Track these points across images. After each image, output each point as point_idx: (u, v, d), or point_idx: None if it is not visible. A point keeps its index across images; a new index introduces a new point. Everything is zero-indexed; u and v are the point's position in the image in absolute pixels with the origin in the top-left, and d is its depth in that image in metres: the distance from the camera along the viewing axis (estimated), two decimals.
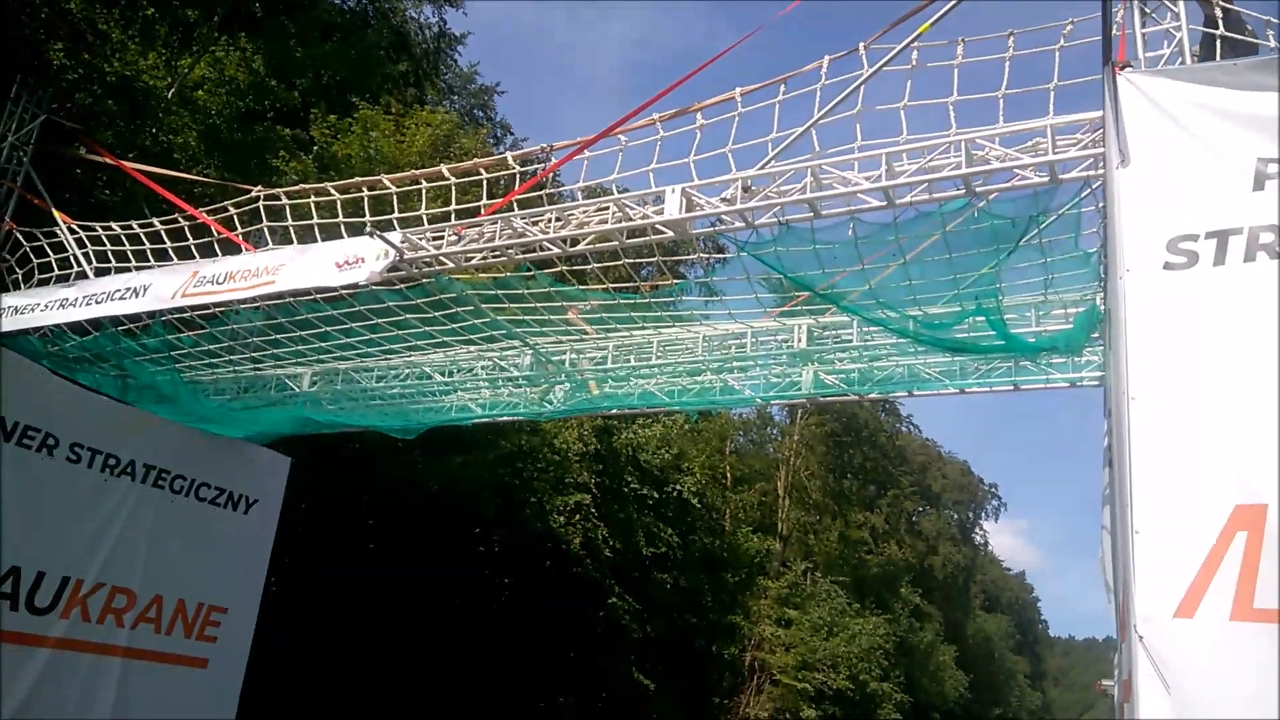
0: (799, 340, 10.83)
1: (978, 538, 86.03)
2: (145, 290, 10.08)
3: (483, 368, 12.25)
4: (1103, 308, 7.33)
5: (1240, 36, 5.61)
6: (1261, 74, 5.02)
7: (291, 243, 9.81)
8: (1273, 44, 5.58)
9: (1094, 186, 6.61)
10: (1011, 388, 10.40)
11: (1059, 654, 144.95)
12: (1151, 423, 4.72)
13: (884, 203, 7.16)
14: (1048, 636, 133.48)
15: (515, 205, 8.55)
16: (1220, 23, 5.61)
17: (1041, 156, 6.48)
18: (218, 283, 9.37)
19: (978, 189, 6.86)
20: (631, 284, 11.22)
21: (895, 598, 54.73)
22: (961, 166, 6.67)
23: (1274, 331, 4.64)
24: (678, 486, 29.13)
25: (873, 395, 11.84)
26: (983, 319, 8.66)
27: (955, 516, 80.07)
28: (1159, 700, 4.39)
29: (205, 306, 10.05)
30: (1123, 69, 5.33)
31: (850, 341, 10.77)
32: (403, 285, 9.81)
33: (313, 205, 9.82)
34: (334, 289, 9.11)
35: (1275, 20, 5.66)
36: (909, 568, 60.88)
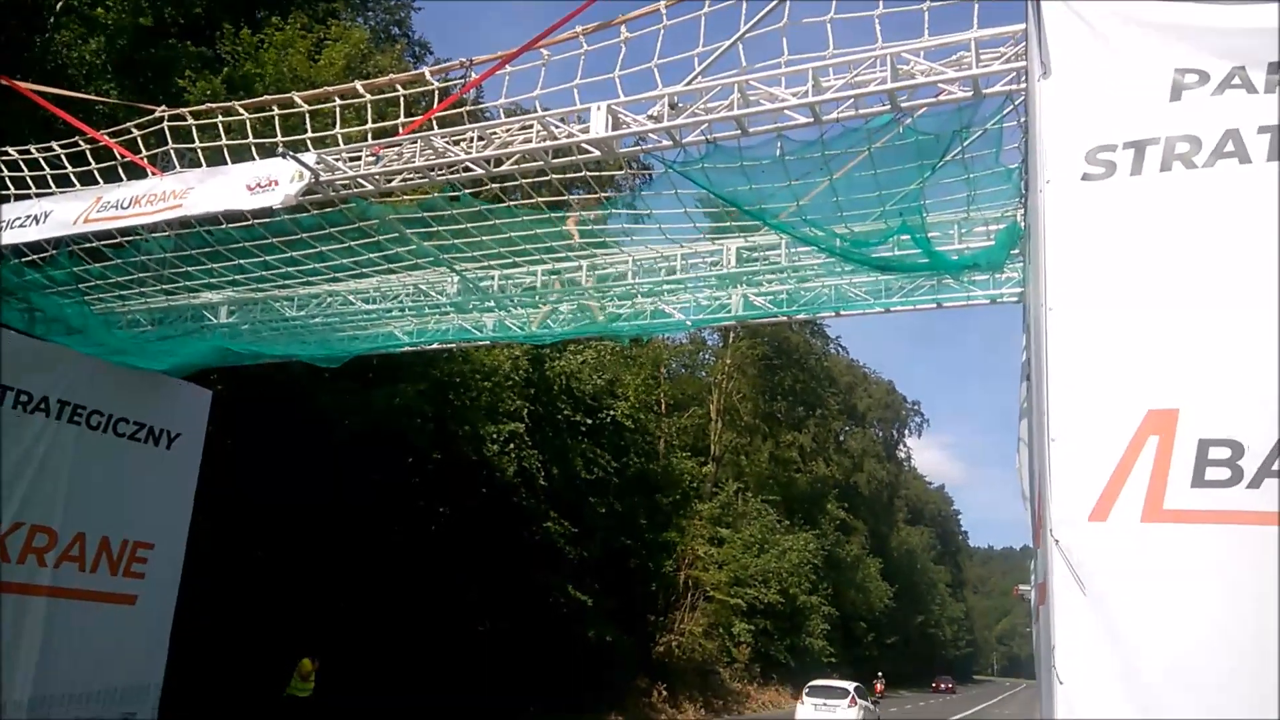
0: (728, 262, 10.81)
1: (901, 454, 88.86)
2: (46, 217, 9.60)
3: (408, 294, 12.00)
4: (1023, 224, 7.43)
5: None
6: None
7: (200, 166, 9.39)
8: None
9: (1017, 102, 6.63)
10: (935, 305, 10.59)
11: (978, 563, 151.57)
12: (1068, 332, 4.82)
13: (810, 119, 7.10)
14: (968, 547, 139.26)
15: (435, 124, 8.28)
16: None
17: (966, 70, 6.47)
18: (122, 208, 8.96)
19: (903, 104, 6.84)
20: (560, 200, 11.01)
21: (823, 514, 56.47)
22: (887, 81, 6.64)
23: (1187, 240, 4.74)
24: (611, 412, 29.25)
25: (801, 316, 11.92)
26: (908, 236, 8.73)
27: (880, 434, 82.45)
28: (1075, 601, 4.55)
29: (110, 233, 9.63)
30: None
31: (779, 263, 10.78)
32: (316, 211, 9.49)
33: (221, 126, 9.38)
34: (246, 213, 8.77)
35: None
36: (836, 485, 62.70)
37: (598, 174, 9.22)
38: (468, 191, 9.46)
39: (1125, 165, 4.90)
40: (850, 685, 32.09)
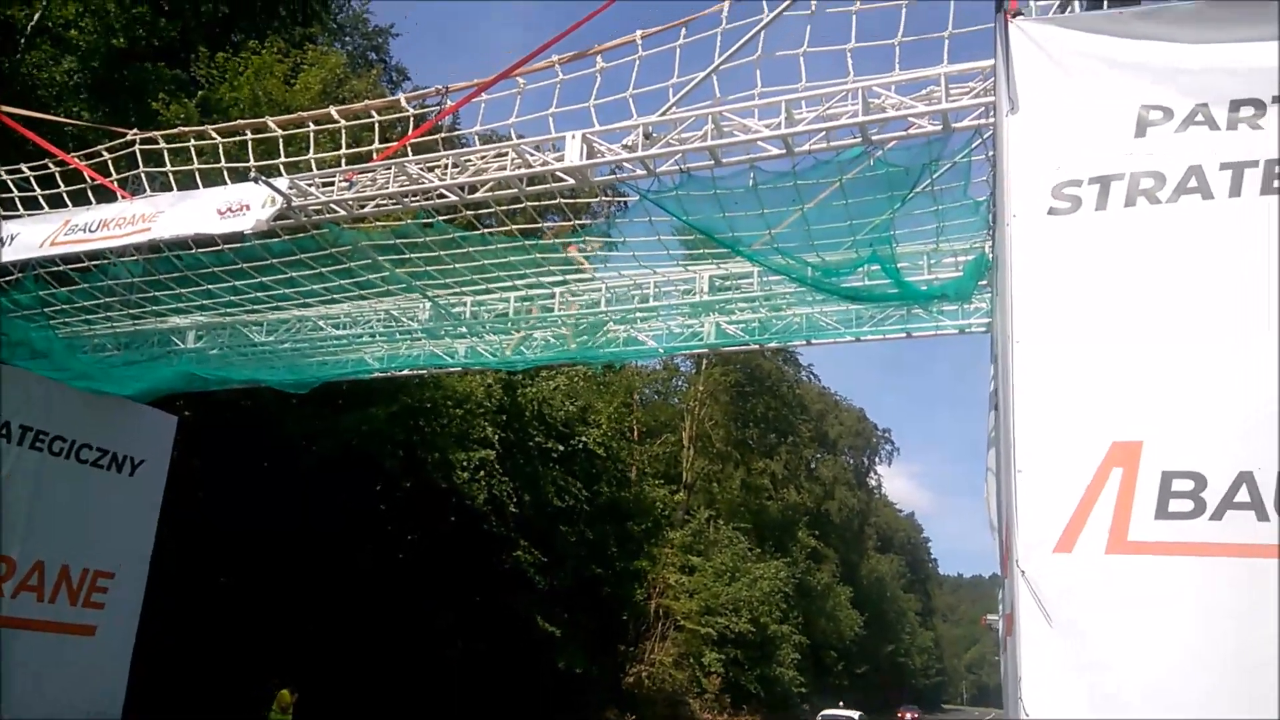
0: (701, 290, 10.86)
1: (872, 481, 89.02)
2: (12, 240, 9.49)
3: (379, 320, 11.93)
4: (991, 256, 7.53)
5: None
6: (1146, 23, 5.16)
7: (171, 190, 9.33)
8: None
9: (985, 136, 6.73)
10: (904, 334, 10.70)
11: (948, 591, 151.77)
12: (1034, 364, 4.87)
13: (783, 151, 7.18)
14: (937, 575, 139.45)
15: (410, 151, 8.28)
16: None
17: (935, 105, 6.58)
18: (90, 231, 8.87)
19: (874, 137, 6.94)
20: (535, 228, 11.00)
21: (794, 541, 56.33)
22: (858, 114, 6.74)
23: (1151, 274, 4.82)
24: (583, 439, 29.14)
25: (772, 344, 12.00)
26: (878, 266, 8.82)
27: (851, 462, 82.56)
28: (1041, 632, 4.56)
29: (77, 256, 9.51)
30: (1014, 17, 5.40)
31: (751, 291, 10.85)
32: (288, 237, 9.44)
33: (193, 150, 9.33)
34: (216, 237, 8.71)
35: None
36: (807, 512, 62.68)
37: (573, 201, 9.25)
38: (442, 219, 9.44)
39: (1090, 200, 4.98)
40: (856, 714, 35.56)
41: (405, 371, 13.70)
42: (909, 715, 73.80)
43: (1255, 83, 4.90)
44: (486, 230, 10.19)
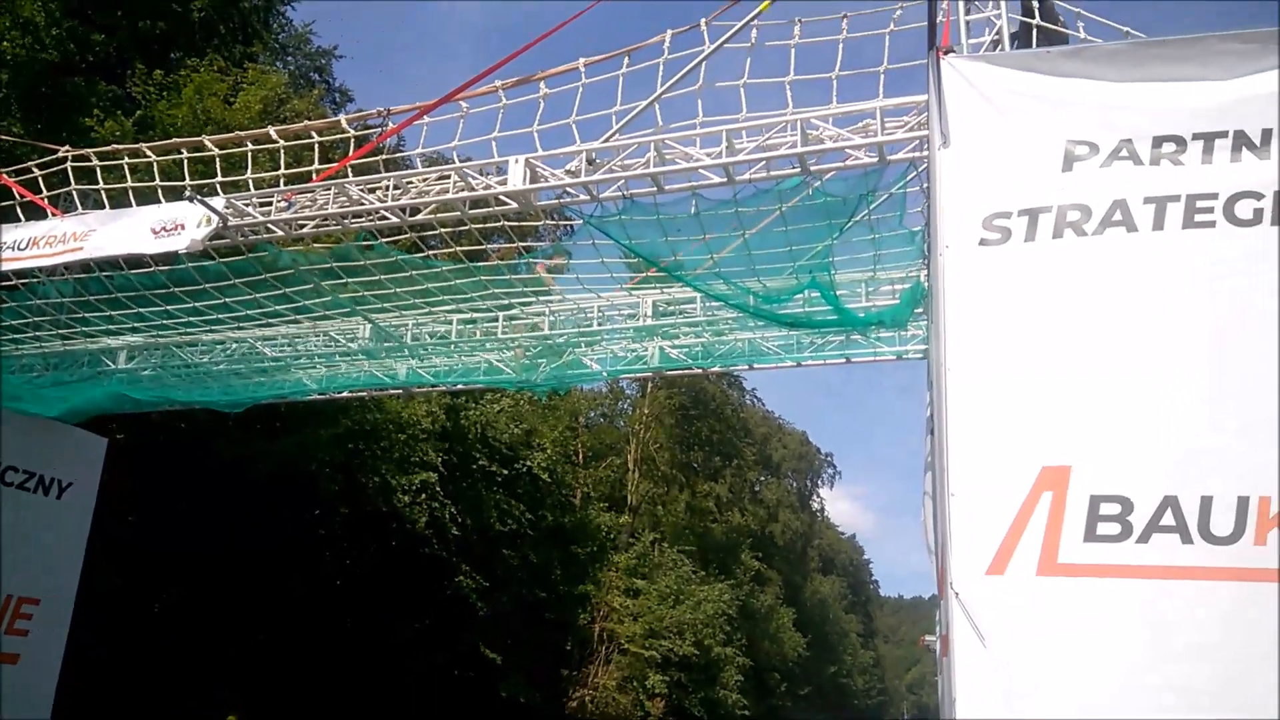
0: (645, 315, 10.91)
1: (815, 504, 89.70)
2: None
3: (319, 340, 11.75)
4: (926, 284, 7.69)
5: (1054, 26, 5.97)
6: (1072, 61, 5.36)
7: (104, 208, 9.12)
8: (1082, 34, 5.95)
9: (920, 168, 6.90)
10: (844, 360, 10.86)
11: (889, 612, 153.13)
12: (966, 391, 4.99)
13: (724, 179, 7.28)
14: (878, 596, 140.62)
15: (351, 172, 8.21)
16: (1037, 13, 5.94)
17: (871, 138, 6.74)
18: (19, 249, 8.63)
19: (812, 168, 7.07)
20: (480, 250, 10.96)
21: (738, 564, 56.43)
22: (797, 145, 6.86)
23: (1078, 304, 4.98)
24: (528, 463, 28.94)
25: (716, 369, 12.10)
26: (818, 294, 8.95)
27: (794, 485, 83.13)
28: (975, 653, 4.65)
29: (5, 275, 9.23)
30: (946, 54, 5.56)
31: (695, 316, 10.93)
32: (224, 260, 9.27)
33: (127, 168, 9.15)
34: (149, 257, 8.53)
35: (1083, 12, 6.03)
36: (751, 535, 62.90)
37: (519, 224, 9.25)
38: (384, 241, 9.36)
39: (1020, 232, 5.13)
40: None
41: (344, 394, 13.50)
42: None
43: (1176, 120, 5.11)
44: (430, 253, 10.07)
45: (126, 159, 9.13)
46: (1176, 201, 5.00)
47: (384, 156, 9.22)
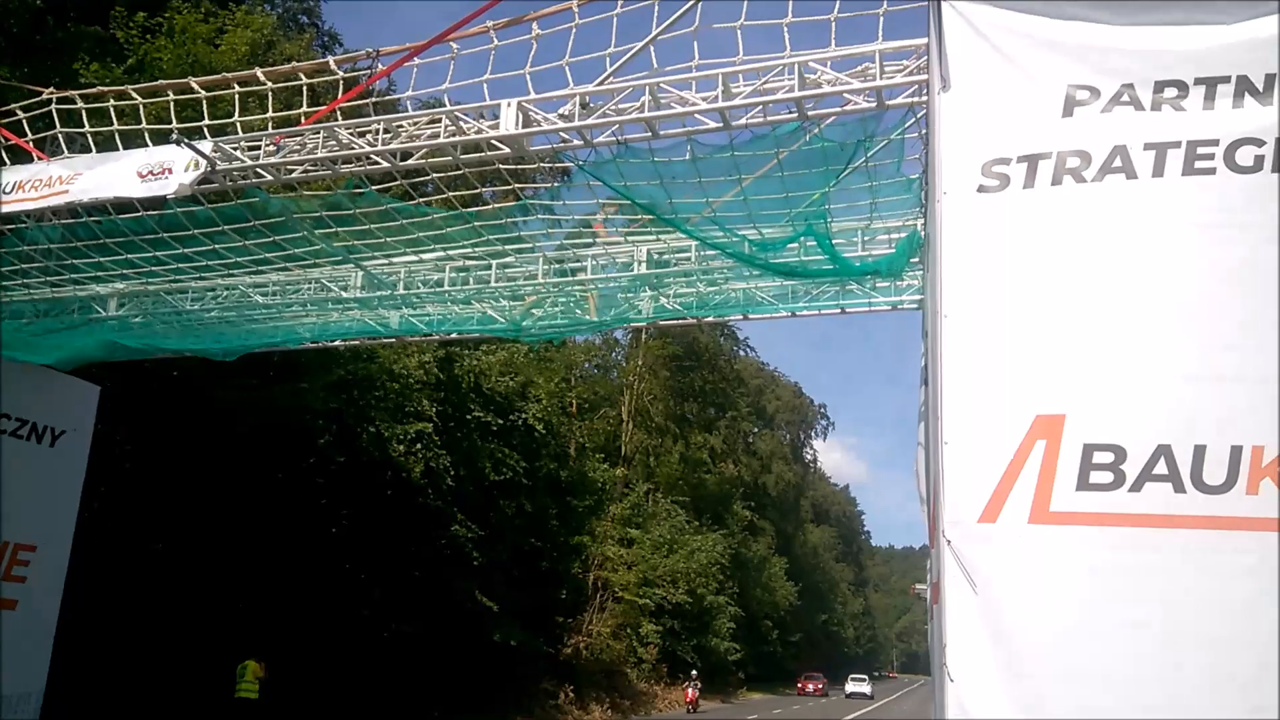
0: (639, 264, 10.83)
1: (808, 455, 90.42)
2: None
3: (310, 288, 11.66)
4: (923, 233, 7.63)
5: None
6: (1075, 4, 5.23)
7: (91, 152, 8.98)
8: None
9: (919, 114, 6.79)
10: (838, 310, 10.82)
11: (880, 562, 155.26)
12: (961, 339, 4.95)
13: (720, 124, 7.16)
14: (870, 546, 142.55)
15: (340, 116, 8.07)
16: None
17: (870, 82, 6.61)
18: (4, 193, 8.50)
19: (810, 113, 6.95)
20: (473, 197, 10.81)
21: (731, 514, 57.00)
22: (794, 89, 6.74)
23: (1076, 252, 4.92)
24: (523, 414, 28.96)
25: (710, 319, 12.05)
26: (814, 243, 8.87)
27: (787, 436, 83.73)
28: (966, 601, 4.68)
29: None
30: None
31: (689, 266, 10.85)
32: (213, 206, 9.15)
33: (114, 111, 8.98)
34: (136, 201, 8.41)
35: None
36: (744, 486, 63.45)
37: (515, 168, 9.12)
38: (375, 189, 9.24)
39: (1019, 178, 5.06)
40: (866, 676, 70.91)
41: (336, 342, 13.44)
42: (812, 684, 63.54)
43: (1178, 65, 5.01)
44: (422, 201, 9.95)
45: (112, 102, 8.95)
46: (1177, 148, 4.92)
47: (374, 100, 9.04)
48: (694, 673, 41.34)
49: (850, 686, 65.18)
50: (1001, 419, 4.77)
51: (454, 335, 13.47)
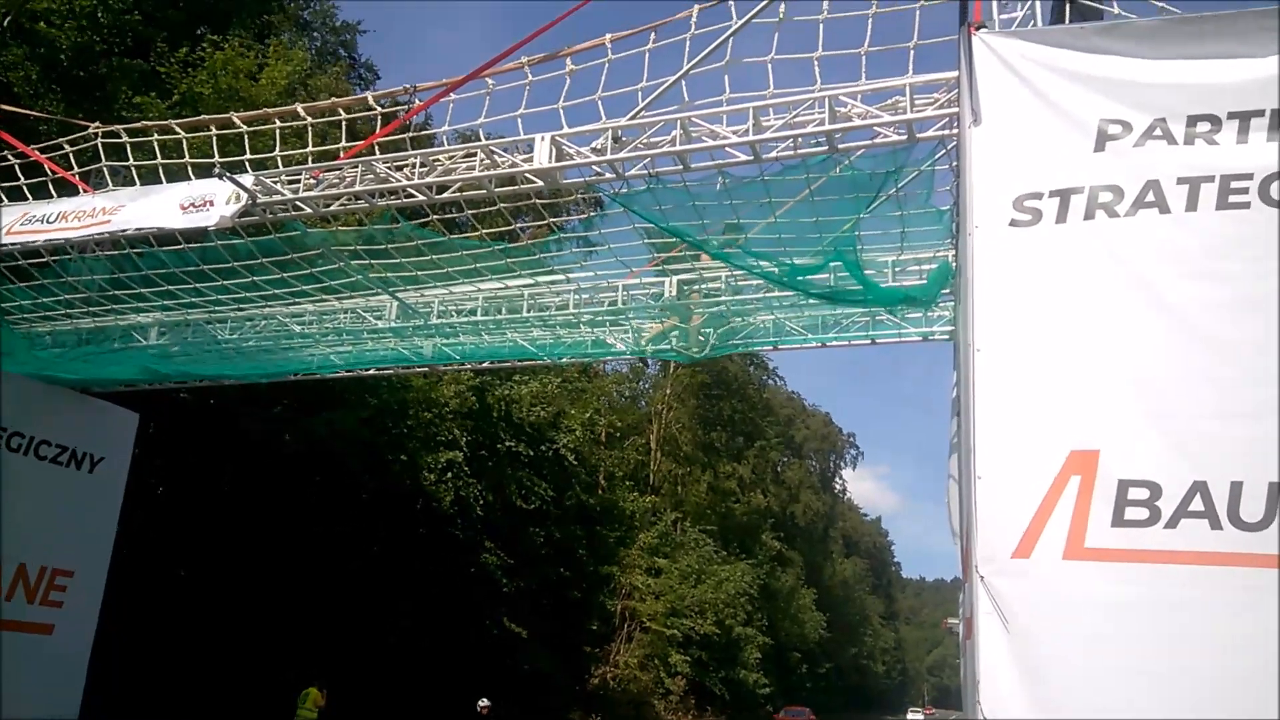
0: (669, 293, 10.88)
1: (837, 486, 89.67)
2: None
3: (346, 316, 11.81)
4: (954, 264, 7.62)
5: (1088, 2, 5.85)
6: (1106, 38, 5.24)
7: (134, 185, 9.20)
8: (1116, 10, 5.83)
9: (949, 146, 6.80)
10: (869, 341, 10.78)
11: (910, 594, 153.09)
12: (994, 373, 4.93)
13: (750, 157, 7.22)
14: (900, 578, 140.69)
15: (378, 150, 8.23)
16: None
17: (900, 115, 6.65)
18: (48, 222, 8.72)
19: (840, 145, 6.99)
20: (508, 231, 10.95)
21: (759, 544, 56.53)
22: (825, 123, 6.79)
23: (1109, 287, 4.90)
24: (554, 444, 29.00)
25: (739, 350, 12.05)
26: (845, 274, 8.87)
27: (816, 466, 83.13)
28: (998, 637, 4.62)
29: (36, 249, 9.34)
30: (978, 30, 5.46)
31: (719, 295, 10.88)
32: (252, 239, 9.32)
33: (157, 145, 9.20)
34: (178, 233, 8.59)
35: None
36: (773, 516, 62.95)
37: (550, 201, 9.23)
38: (414, 223, 9.38)
39: (1051, 213, 5.05)
40: (921, 709, 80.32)
41: (370, 371, 13.58)
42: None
43: (1211, 99, 5.00)
44: (458, 236, 10.06)
45: (155, 136, 9.18)
46: (1211, 182, 4.90)
47: (411, 134, 9.21)
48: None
49: (911, 717, 77.05)
50: (1035, 454, 4.73)
51: (487, 365, 13.55)
